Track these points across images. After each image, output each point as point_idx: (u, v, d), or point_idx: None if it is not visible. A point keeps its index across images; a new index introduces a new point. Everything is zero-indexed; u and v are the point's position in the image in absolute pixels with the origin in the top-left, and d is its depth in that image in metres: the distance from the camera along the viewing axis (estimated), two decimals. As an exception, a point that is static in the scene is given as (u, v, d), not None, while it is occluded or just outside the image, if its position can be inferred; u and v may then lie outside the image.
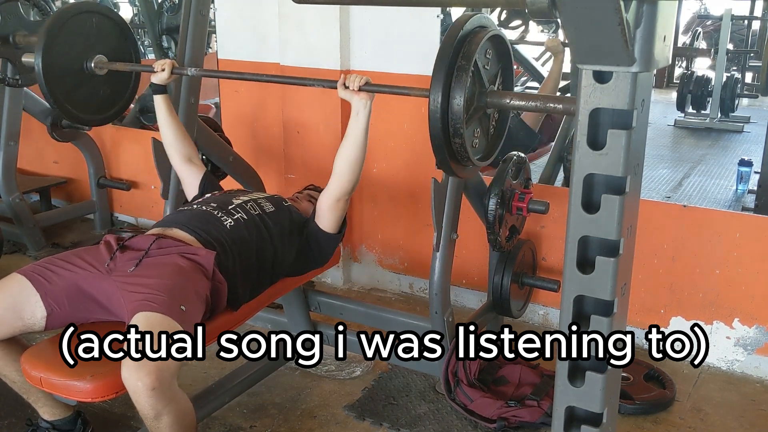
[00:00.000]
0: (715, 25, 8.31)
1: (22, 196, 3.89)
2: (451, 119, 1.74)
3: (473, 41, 1.76)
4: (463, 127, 1.74)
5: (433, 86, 1.72)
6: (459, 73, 1.71)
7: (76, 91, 2.66)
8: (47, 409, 2.18)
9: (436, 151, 1.84)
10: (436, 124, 1.74)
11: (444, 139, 1.77)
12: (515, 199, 2.56)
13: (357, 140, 2.20)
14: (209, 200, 2.34)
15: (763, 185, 3.53)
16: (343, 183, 2.26)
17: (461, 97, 1.71)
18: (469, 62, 1.71)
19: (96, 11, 2.70)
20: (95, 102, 2.75)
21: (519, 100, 1.81)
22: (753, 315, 2.76)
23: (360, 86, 2.13)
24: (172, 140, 2.55)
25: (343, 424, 2.46)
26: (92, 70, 2.67)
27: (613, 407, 1.40)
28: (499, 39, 1.88)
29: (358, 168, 2.25)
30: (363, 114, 2.16)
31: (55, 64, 2.57)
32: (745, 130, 6.64)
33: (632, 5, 1.08)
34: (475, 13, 1.86)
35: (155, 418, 1.75)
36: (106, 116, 2.84)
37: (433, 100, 1.72)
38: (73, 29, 2.60)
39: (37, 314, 1.95)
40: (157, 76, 2.51)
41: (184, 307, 1.88)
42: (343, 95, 2.16)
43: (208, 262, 2.05)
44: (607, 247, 1.25)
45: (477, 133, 1.91)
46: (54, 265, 2.02)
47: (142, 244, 2.08)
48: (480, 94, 1.81)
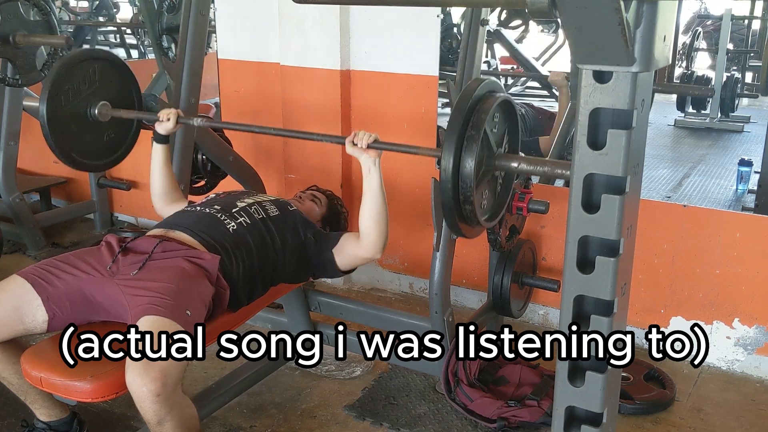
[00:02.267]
0: (715, 25, 8.30)
1: (22, 196, 3.89)
2: (462, 186, 1.81)
3: (483, 109, 1.82)
4: (473, 193, 1.81)
5: (444, 153, 1.79)
6: (469, 143, 1.78)
7: (79, 138, 2.61)
8: (44, 411, 2.17)
9: (447, 214, 1.90)
10: (447, 188, 1.81)
11: (454, 203, 1.84)
12: (515, 199, 2.56)
13: (375, 196, 2.17)
14: (213, 202, 2.32)
15: (763, 185, 3.53)
16: (373, 240, 2.20)
17: (471, 164, 1.78)
18: (478, 132, 1.78)
19: (100, 57, 2.67)
20: (98, 148, 2.69)
21: (527, 165, 1.87)
22: (753, 315, 2.76)
23: (368, 144, 2.11)
24: (161, 192, 2.47)
25: (343, 424, 2.46)
26: (96, 117, 2.61)
27: (613, 407, 1.40)
28: (507, 103, 1.94)
29: (383, 223, 2.20)
30: (374, 171, 2.15)
31: (59, 110, 2.52)
32: (745, 130, 6.63)
33: (632, 5, 1.08)
34: (485, 79, 1.92)
35: (158, 423, 1.75)
36: (108, 161, 2.78)
37: (444, 167, 1.79)
38: (78, 75, 2.56)
39: (38, 318, 1.94)
40: (162, 126, 2.41)
41: (189, 312, 1.87)
42: (351, 152, 2.14)
43: (212, 267, 2.03)
44: (607, 247, 1.25)
45: (485, 195, 1.97)
46: (55, 267, 2.00)
47: (146, 246, 2.07)
48: (488, 158, 1.88)
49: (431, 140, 3.23)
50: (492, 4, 3.27)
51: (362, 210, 2.20)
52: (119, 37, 8.77)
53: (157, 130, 2.43)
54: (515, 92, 7.40)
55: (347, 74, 3.31)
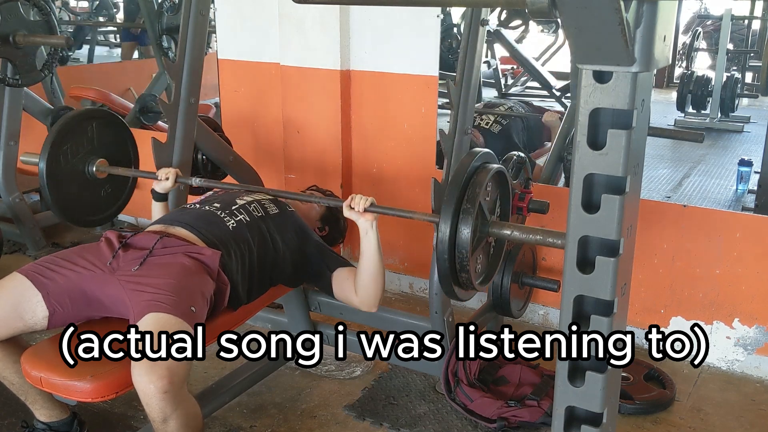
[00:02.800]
0: (715, 25, 8.31)
1: (22, 196, 3.89)
2: (458, 255, 1.89)
3: (478, 182, 1.91)
4: (469, 261, 1.89)
5: (441, 224, 1.88)
6: (464, 215, 1.87)
7: (76, 194, 2.65)
8: (44, 411, 2.17)
9: (443, 282, 1.98)
10: (443, 258, 1.90)
11: (451, 271, 1.92)
12: (515, 199, 2.56)
13: (372, 257, 2.19)
14: (212, 200, 2.32)
15: (763, 185, 3.53)
16: (369, 297, 2.25)
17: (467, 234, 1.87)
18: (473, 205, 1.87)
19: (99, 117, 2.72)
20: (94, 203, 2.74)
21: (519, 232, 1.93)
22: (753, 315, 2.76)
23: (365, 208, 2.12)
24: None
25: (343, 424, 2.46)
26: (93, 174, 2.65)
27: (613, 407, 1.40)
28: (500, 174, 2.03)
29: (381, 282, 2.24)
30: (371, 234, 2.17)
31: (57, 168, 2.56)
32: (745, 130, 6.64)
33: (632, 5, 1.08)
34: (479, 152, 2.00)
35: (163, 421, 1.75)
36: (103, 216, 2.82)
37: (441, 238, 1.88)
38: (77, 134, 2.60)
39: (38, 314, 1.94)
40: (161, 185, 2.44)
41: (194, 308, 1.88)
42: (348, 215, 2.16)
43: (213, 262, 2.04)
44: (607, 247, 1.25)
45: (479, 260, 2.04)
46: (55, 264, 2.01)
47: (146, 242, 2.07)
48: (482, 226, 1.95)
49: (431, 140, 3.24)
50: (492, 4, 3.27)
51: (360, 268, 2.23)
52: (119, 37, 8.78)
53: (155, 188, 2.47)
54: (515, 92, 7.41)
55: (347, 74, 3.32)
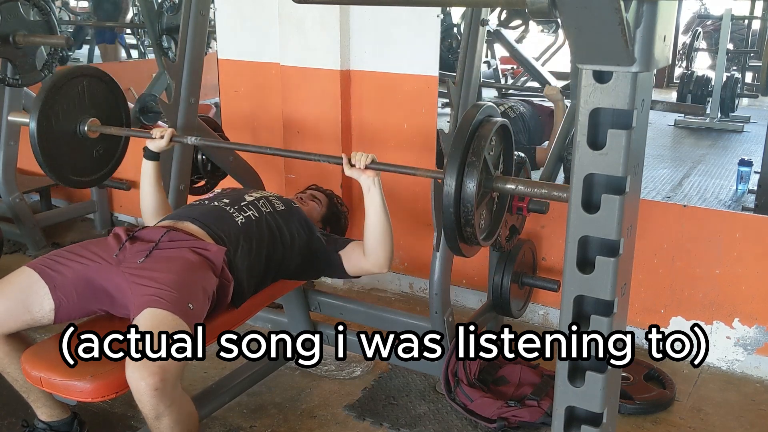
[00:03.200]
0: (715, 25, 8.31)
1: (22, 196, 3.89)
2: (463, 209, 1.87)
3: (482, 135, 1.88)
4: (473, 211, 1.86)
5: (447, 177, 1.84)
6: (470, 168, 1.84)
7: (67, 154, 2.61)
8: (45, 410, 2.17)
9: (449, 236, 1.94)
10: (449, 211, 1.87)
11: (456, 225, 1.89)
12: (515, 199, 2.56)
13: (377, 215, 2.17)
14: (221, 196, 2.34)
15: (763, 185, 3.53)
16: (379, 258, 2.22)
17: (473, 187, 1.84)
18: (479, 158, 1.84)
19: (89, 74, 2.67)
20: (86, 164, 2.70)
21: (524, 187, 1.91)
22: (753, 315, 2.76)
23: (366, 165, 2.10)
24: (153, 209, 2.45)
25: (343, 424, 2.46)
26: (85, 134, 2.62)
27: (613, 407, 1.40)
28: (504, 127, 2.00)
29: (389, 241, 2.21)
30: (374, 190, 2.15)
31: (48, 127, 2.52)
32: (745, 130, 6.63)
33: (632, 5, 1.08)
34: (483, 104, 1.97)
35: (156, 418, 1.76)
36: (95, 178, 2.79)
37: (446, 191, 1.85)
38: (68, 92, 2.56)
39: (45, 306, 1.95)
40: (155, 143, 2.39)
41: (192, 305, 1.88)
42: (350, 173, 2.13)
43: (217, 258, 2.05)
44: (607, 247, 1.25)
45: (483, 215, 2.02)
46: (62, 257, 2.03)
47: (153, 235, 2.09)
48: (487, 181, 1.92)
49: (431, 140, 3.23)
50: (492, 4, 3.27)
51: (366, 228, 2.20)
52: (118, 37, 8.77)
53: (148, 146, 2.42)
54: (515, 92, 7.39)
55: (347, 74, 3.31)
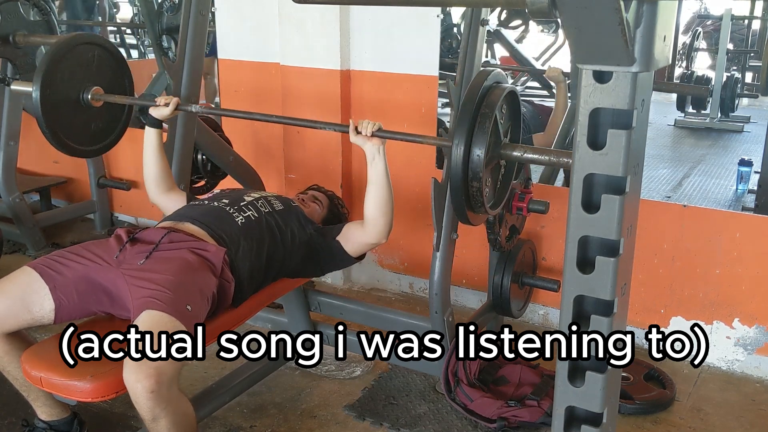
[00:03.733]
0: (715, 25, 8.30)
1: (22, 196, 3.89)
2: (471, 172, 1.82)
3: (491, 102, 1.83)
4: (482, 176, 1.83)
5: (456, 138, 1.79)
6: (481, 126, 1.79)
7: (71, 123, 2.61)
8: (45, 409, 2.17)
9: (455, 200, 1.91)
10: (457, 173, 1.82)
11: (463, 189, 1.85)
12: (515, 199, 2.56)
13: (380, 184, 2.17)
14: (221, 197, 2.34)
15: (763, 185, 3.53)
16: (379, 228, 2.23)
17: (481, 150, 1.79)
18: (491, 113, 1.79)
19: (93, 43, 2.67)
20: (90, 133, 2.70)
21: (531, 153, 1.88)
22: (753, 315, 2.76)
23: (372, 132, 2.11)
24: (155, 176, 2.48)
25: (343, 424, 2.46)
26: (88, 102, 2.62)
27: (613, 407, 1.40)
28: (513, 94, 1.97)
29: (389, 210, 2.22)
30: (379, 159, 2.15)
31: (52, 95, 2.52)
32: (745, 130, 6.63)
33: (632, 5, 1.08)
34: (492, 70, 1.94)
35: (153, 420, 1.76)
36: (99, 147, 2.79)
37: (454, 153, 1.80)
38: (71, 61, 2.55)
39: (45, 306, 1.95)
40: (159, 110, 2.43)
41: (190, 306, 1.88)
42: (355, 140, 2.14)
43: (217, 259, 2.05)
44: (607, 247, 1.25)
45: (488, 183, 1.99)
46: (63, 257, 2.03)
47: (153, 236, 2.09)
48: (495, 146, 1.88)
49: (431, 140, 3.24)
50: (492, 4, 3.28)
51: (367, 198, 2.21)
52: (119, 37, 8.78)
53: (151, 113, 2.45)
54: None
55: (347, 74, 3.31)
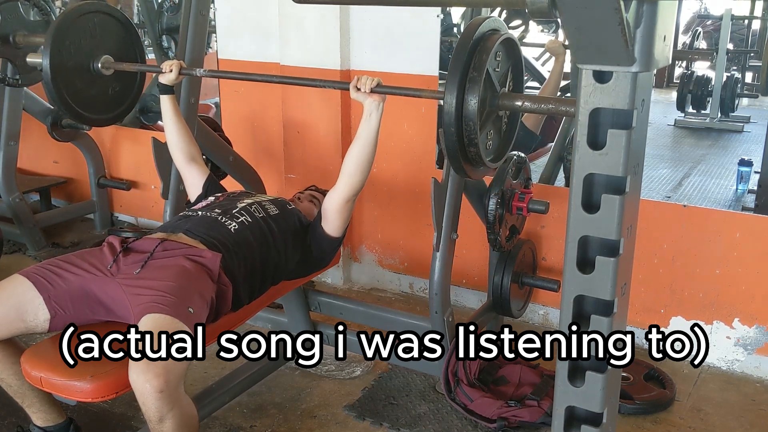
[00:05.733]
0: (715, 25, 8.31)
1: (22, 196, 3.89)
2: (465, 128, 1.79)
3: (485, 48, 1.79)
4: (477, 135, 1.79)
5: (446, 94, 1.76)
6: (471, 84, 1.75)
7: (82, 92, 2.62)
8: (41, 415, 2.16)
9: (452, 157, 1.88)
10: (450, 131, 1.78)
11: (459, 145, 1.82)
12: (515, 199, 2.57)
13: (368, 140, 2.20)
14: (212, 206, 2.32)
15: (763, 185, 3.53)
16: (354, 183, 2.25)
17: (474, 104, 1.75)
18: (480, 72, 1.75)
19: (101, 11, 2.66)
20: (101, 102, 2.71)
21: (530, 103, 1.84)
22: (753, 315, 2.76)
23: (372, 88, 2.12)
24: (177, 141, 2.54)
25: (343, 424, 2.46)
26: (99, 71, 2.62)
27: (613, 407, 1.40)
28: (509, 41, 1.91)
29: (368, 167, 2.25)
30: (375, 115, 2.17)
31: (62, 64, 2.53)
32: (745, 130, 6.63)
33: (632, 5, 1.08)
34: (487, 17, 1.89)
35: (159, 421, 1.75)
36: (112, 116, 2.80)
37: (447, 104, 1.76)
38: (80, 29, 2.55)
39: (39, 317, 1.94)
40: (165, 76, 2.48)
41: (191, 309, 1.88)
42: (356, 97, 2.16)
43: (213, 265, 2.04)
44: (607, 247, 1.25)
45: (490, 135, 1.94)
46: (57, 267, 2.01)
47: (147, 246, 2.08)
48: (492, 98, 1.85)
49: (431, 140, 3.24)
50: (492, 4, 3.28)
51: (350, 152, 2.23)
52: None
53: (160, 80, 2.51)
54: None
55: (347, 74, 3.31)
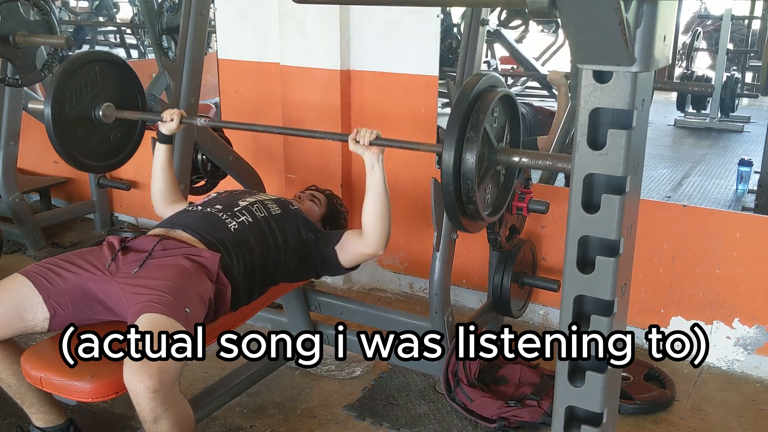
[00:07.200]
0: (715, 25, 8.30)
1: (22, 196, 3.90)
2: (464, 186, 1.81)
3: (482, 107, 1.82)
4: (475, 192, 1.81)
5: (444, 152, 1.79)
6: (469, 143, 1.78)
7: (84, 140, 2.62)
8: (40, 416, 2.16)
9: (450, 213, 1.89)
10: (448, 189, 1.81)
11: (457, 202, 1.84)
12: (515, 199, 2.56)
13: (378, 193, 2.17)
14: (214, 202, 2.32)
15: (763, 185, 3.53)
16: (377, 236, 2.20)
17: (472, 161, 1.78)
18: (478, 132, 1.78)
19: (102, 59, 2.67)
20: (104, 149, 2.70)
21: (528, 159, 1.86)
22: (753, 315, 2.76)
23: (371, 141, 2.10)
24: (163, 191, 2.47)
25: (343, 424, 2.46)
26: (100, 119, 2.61)
27: (613, 407, 1.40)
28: (507, 97, 1.94)
29: (387, 219, 2.20)
30: (377, 168, 2.14)
31: (63, 114, 2.53)
32: (745, 130, 6.63)
33: (632, 5, 1.08)
34: (485, 74, 1.91)
35: (154, 421, 1.75)
36: (114, 162, 2.78)
37: (445, 163, 1.79)
38: (81, 78, 2.56)
39: (39, 316, 1.94)
40: (166, 126, 2.43)
41: (188, 309, 1.88)
42: (354, 149, 2.13)
43: (212, 265, 2.04)
44: (607, 247, 1.25)
45: (488, 189, 1.97)
46: (56, 266, 2.01)
47: (146, 245, 2.08)
48: (490, 154, 1.88)
49: (431, 140, 3.23)
50: (492, 4, 3.28)
51: (365, 207, 2.20)
52: (119, 37, 8.78)
53: (160, 129, 2.45)
54: (515, 92, 7.40)
55: (347, 74, 3.32)
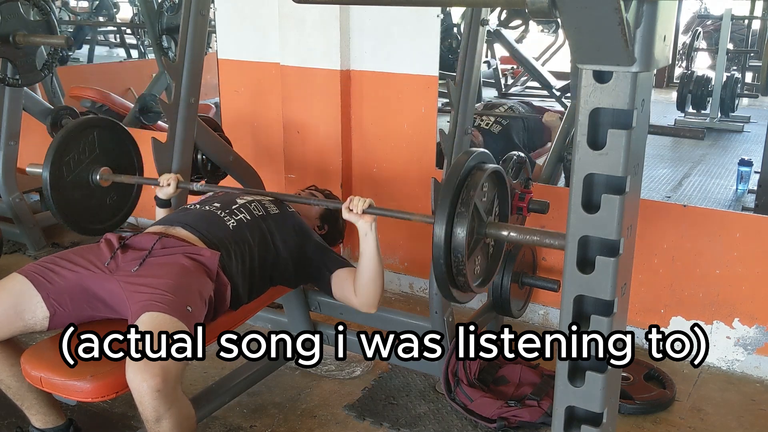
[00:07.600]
0: (715, 25, 8.31)
1: (22, 196, 3.89)
2: (454, 260, 1.86)
3: (472, 184, 1.87)
4: (465, 264, 1.85)
5: (436, 224, 1.84)
6: (459, 219, 1.84)
7: (81, 203, 2.66)
8: (40, 417, 2.16)
9: (441, 286, 1.93)
10: (439, 264, 1.85)
11: (448, 276, 1.88)
12: (515, 199, 2.56)
13: (372, 258, 2.19)
14: (212, 200, 2.33)
15: (763, 185, 3.53)
16: (369, 297, 2.24)
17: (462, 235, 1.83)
18: (468, 208, 1.84)
19: (100, 125, 2.73)
20: (100, 211, 2.74)
21: (516, 233, 1.91)
22: (753, 315, 2.76)
23: (364, 210, 2.12)
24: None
25: (343, 424, 2.46)
26: (97, 183, 2.67)
27: (613, 407, 1.40)
28: (497, 173, 2.00)
29: (380, 284, 2.24)
30: (370, 235, 2.16)
31: (61, 178, 2.57)
32: (745, 130, 6.64)
33: (632, 5, 1.08)
34: (474, 152, 1.95)
35: (156, 420, 1.74)
36: (110, 224, 2.80)
37: (437, 237, 1.83)
38: (79, 144, 2.61)
39: (38, 314, 1.94)
40: (163, 190, 2.45)
41: (190, 307, 1.88)
42: (348, 217, 2.15)
43: (212, 263, 2.04)
44: (607, 247, 1.25)
45: (478, 260, 2.01)
46: (55, 264, 2.01)
47: (145, 243, 2.08)
48: (479, 227, 1.93)
49: (431, 140, 3.24)
50: (492, 4, 3.28)
51: (359, 270, 2.22)
52: (119, 37, 8.79)
53: (158, 194, 2.48)
54: (515, 92, 7.41)
55: (347, 74, 3.32)
